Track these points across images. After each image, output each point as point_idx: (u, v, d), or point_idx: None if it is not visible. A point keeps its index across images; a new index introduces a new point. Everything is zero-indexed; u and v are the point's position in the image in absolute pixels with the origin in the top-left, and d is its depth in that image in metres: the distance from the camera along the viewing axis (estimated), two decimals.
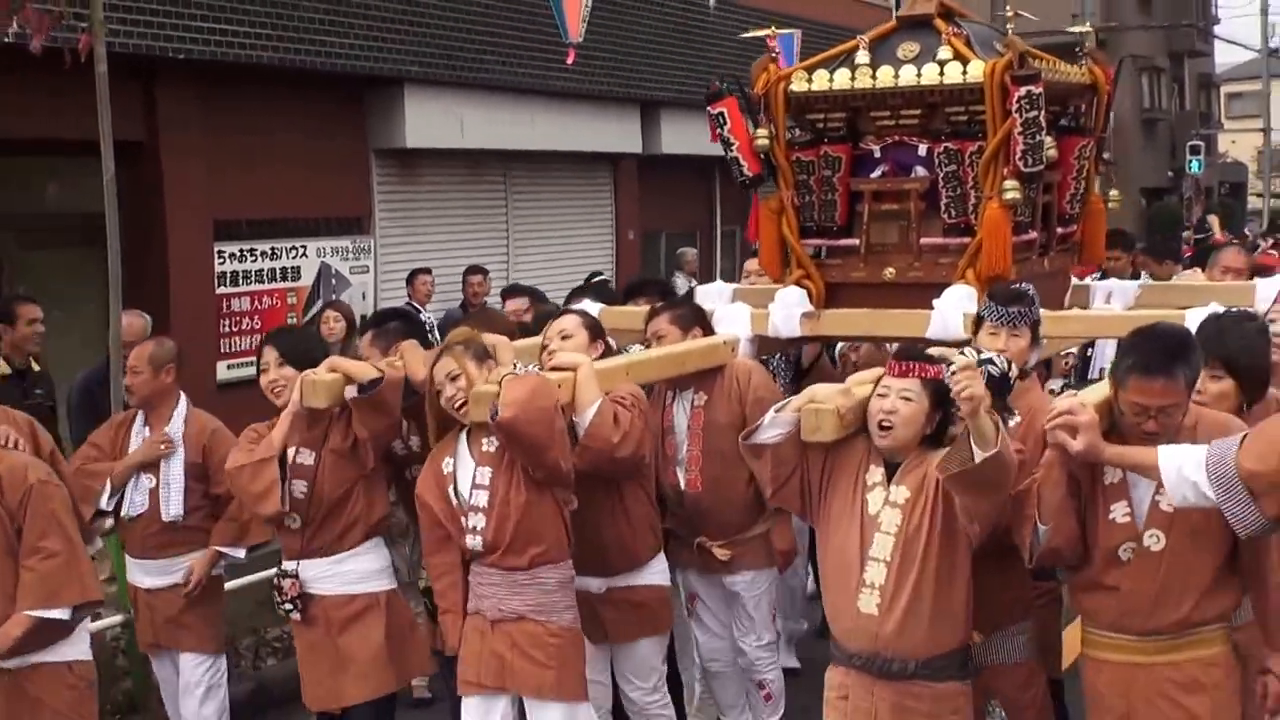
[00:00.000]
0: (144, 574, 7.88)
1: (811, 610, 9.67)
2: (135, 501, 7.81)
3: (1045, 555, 5.45)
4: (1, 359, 10.42)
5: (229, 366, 16.26)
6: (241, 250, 16.85)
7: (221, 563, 7.99)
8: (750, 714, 7.90)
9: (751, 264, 9.85)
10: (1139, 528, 5.33)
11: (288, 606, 6.99)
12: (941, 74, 7.42)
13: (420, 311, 14.94)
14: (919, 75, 7.47)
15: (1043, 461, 5.43)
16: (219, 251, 16.54)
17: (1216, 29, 60.10)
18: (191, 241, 16.05)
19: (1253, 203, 54.97)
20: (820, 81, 7.72)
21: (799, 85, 7.76)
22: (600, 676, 7.09)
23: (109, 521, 7.90)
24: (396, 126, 18.57)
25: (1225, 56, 63.11)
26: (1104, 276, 12.40)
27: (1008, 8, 7.68)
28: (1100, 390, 5.56)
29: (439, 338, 7.61)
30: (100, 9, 9.94)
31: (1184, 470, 4.99)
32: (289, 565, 7.02)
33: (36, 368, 10.88)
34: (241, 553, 7.64)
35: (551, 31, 19.09)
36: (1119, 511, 5.35)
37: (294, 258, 17.66)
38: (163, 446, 7.70)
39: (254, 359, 7.50)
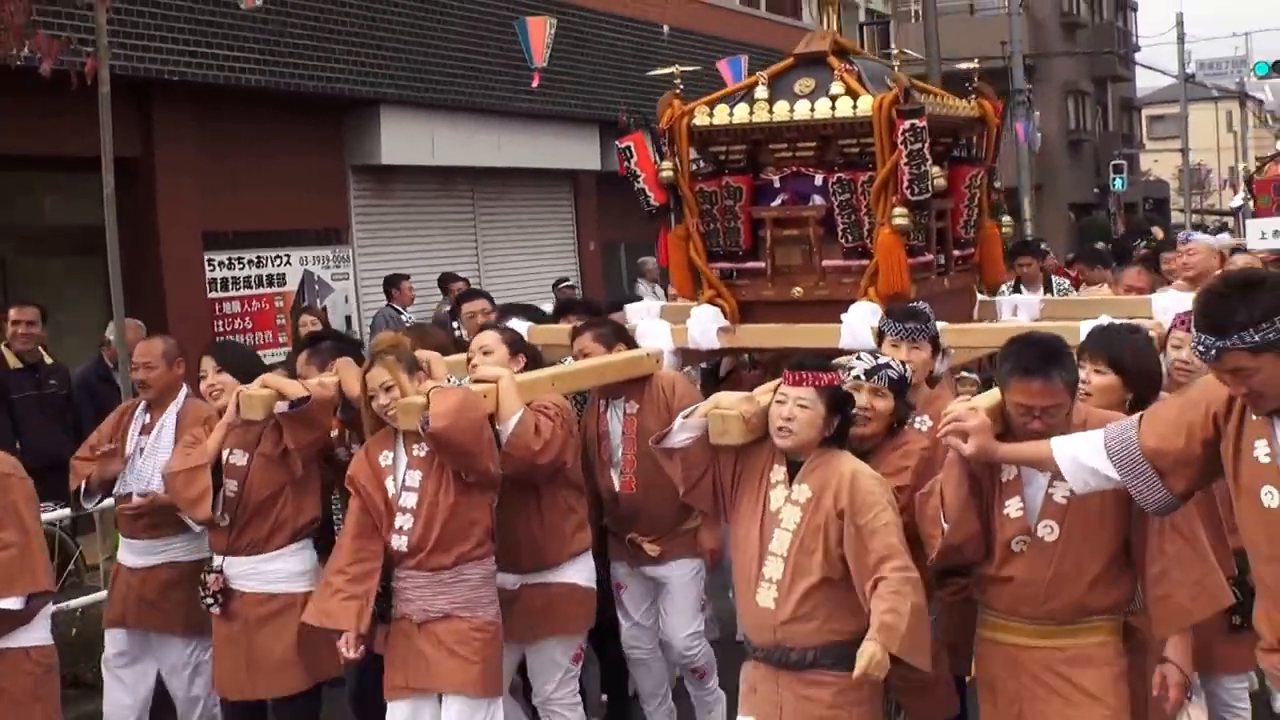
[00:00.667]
0: (131, 553, 7.60)
1: None
2: (128, 481, 7.56)
3: (946, 552, 5.26)
4: (13, 354, 10.38)
5: None
6: (230, 259, 16.90)
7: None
8: (671, 702, 7.75)
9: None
10: (1030, 522, 5.15)
11: (209, 600, 6.81)
12: (834, 108, 7.25)
13: (401, 313, 15.47)
14: (813, 110, 7.30)
15: (945, 463, 5.27)
16: (209, 260, 16.55)
17: (1137, 56, 60.39)
18: (183, 251, 16.03)
19: (1176, 217, 54.93)
20: (721, 116, 7.53)
21: (701, 119, 7.56)
22: (508, 669, 6.91)
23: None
24: (373, 144, 18.66)
25: (1146, 81, 63.31)
26: (1018, 282, 12.36)
27: (893, 46, 7.52)
28: (993, 395, 5.38)
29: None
30: (105, 36, 10.05)
31: (1080, 457, 4.83)
32: (216, 561, 6.85)
33: (49, 360, 10.87)
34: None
35: (517, 56, 19.29)
36: (1012, 507, 5.17)
37: (279, 265, 17.67)
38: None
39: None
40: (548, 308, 9.35)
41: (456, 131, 19.80)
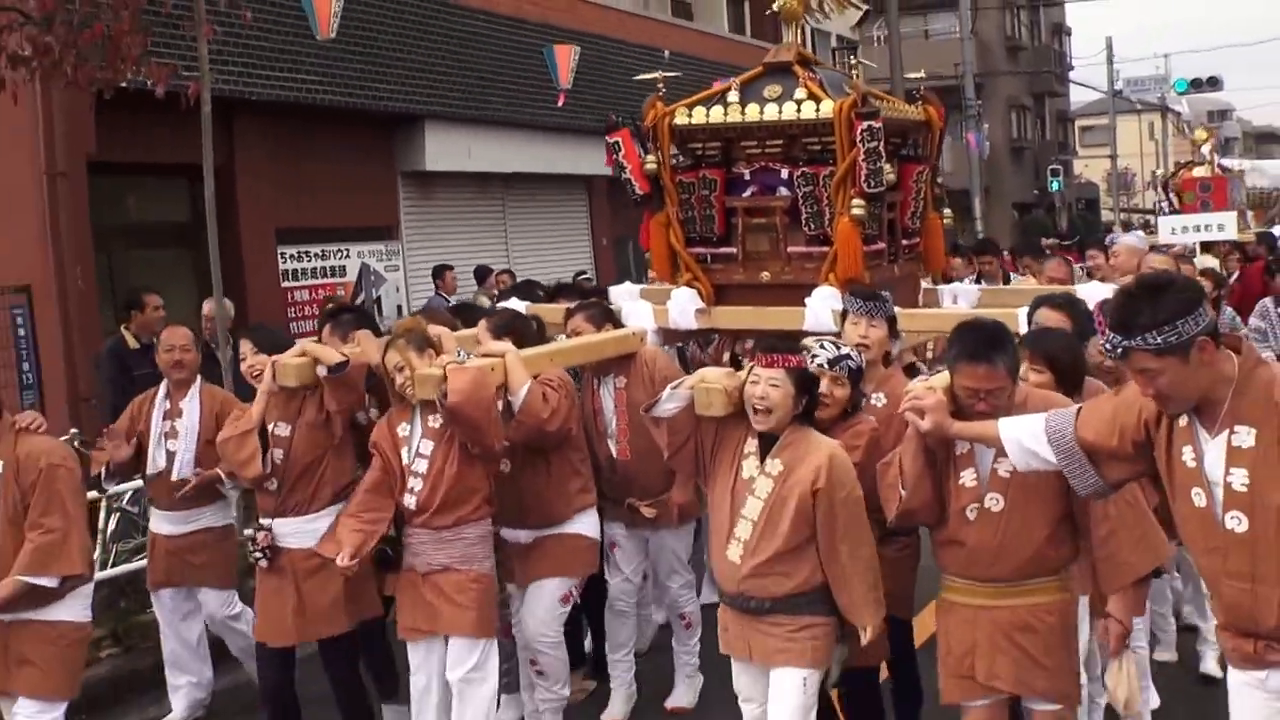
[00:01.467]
0: (168, 523, 7.37)
1: None
2: (157, 461, 7.30)
3: (903, 516, 5.08)
4: (131, 335, 10.25)
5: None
6: (299, 252, 16.75)
7: (232, 513, 7.70)
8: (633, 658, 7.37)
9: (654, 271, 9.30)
10: (983, 490, 4.93)
11: (257, 555, 6.46)
12: (799, 111, 7.02)
13: (448, 300, 15.33)
14: (780, 112, 7.07)
15: (904, 436, 5.04)
16: (281, 253, 16.43)
17: (1071, 75, 60.09)
18: (260, 245, 15.91)
19: (1105, 215, 54.64)
20: (699, 116, 7.29)
21: (681, 119, 7.32)
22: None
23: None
24: (418, 153, 18.48)
25: (1079, 95, 63.18)
26: (979, 278, 11.90)
27: (851, 58, 7.16)
28: (948, 377, 5.08)
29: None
30: (206, 64, 10.21)
31: (1023, 440, 4.58)
32: (264, 521, 6.48)
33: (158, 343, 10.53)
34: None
35: (541, 77, 19.16)
36: (968, 477, 4.95)
37: (340, 258, 17.54)
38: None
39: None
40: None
41: (490, 142, 19.65)
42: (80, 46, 8.47)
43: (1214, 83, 42.31)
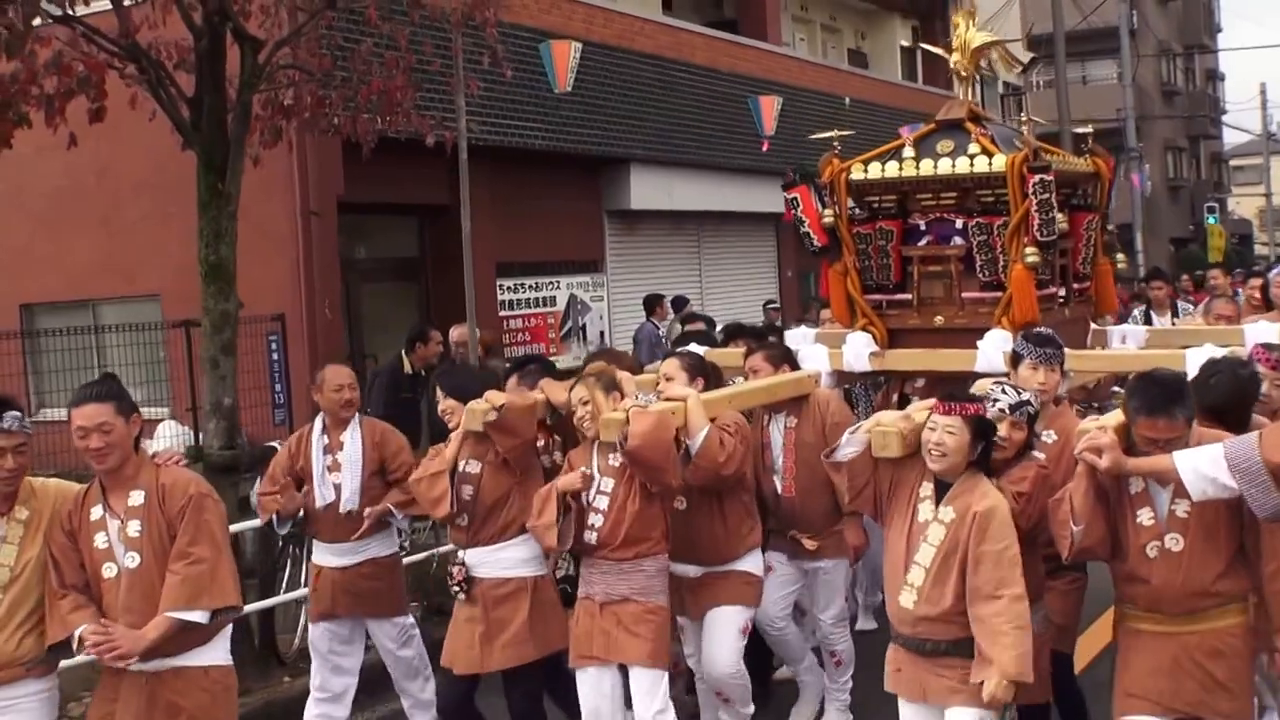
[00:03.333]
0: (334, 555, 6.90)
1: None
2: (325, 495, 6.84)
3: (1080, 553, 4.80)
4: (409, 363, 10.43)
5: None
6: (515, 284, 16.78)
7: (397, 541, 7.18)
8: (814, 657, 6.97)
9: (826, 313, 8.90)
10: (1162, 529, 4.66)
11: (455, 589, 6.17)
12: (972, 165, 6.64)
13: (659, 327, 15.33)
14: (954, 166, 6.69)
15: (1075, 474, 4.76)
16: (500, 284, 16.41)
17: (1224, 117, 57.63)
18: (482, 277, 15.57)
19: (1259, 249, 52.61)
20: (875, 171, 6.90)
21: (858, 174, 6.94)
22: (695, 649, 6.29)
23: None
24: (623, 193, 18.44)
25: (1231, 137, 60.97)
26: (1149, 304, 11.16)
27: (1022, 115, 6.66)
28: (1118, 415, 4.84)
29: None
30: (464, 117, 10.82)
31: (1200, 468, 4.37)
32: (460, 555, 6.16)
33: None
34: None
35: (734, 123, 19.49)
36: (1144, 516, 4.68)
37: (551, 290, 17.50)
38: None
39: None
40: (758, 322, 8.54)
41: (688, 183, 19.47)
42: (359, 101, 8.73)
43: None
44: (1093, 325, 7.48)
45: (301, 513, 6.84)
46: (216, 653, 4.97)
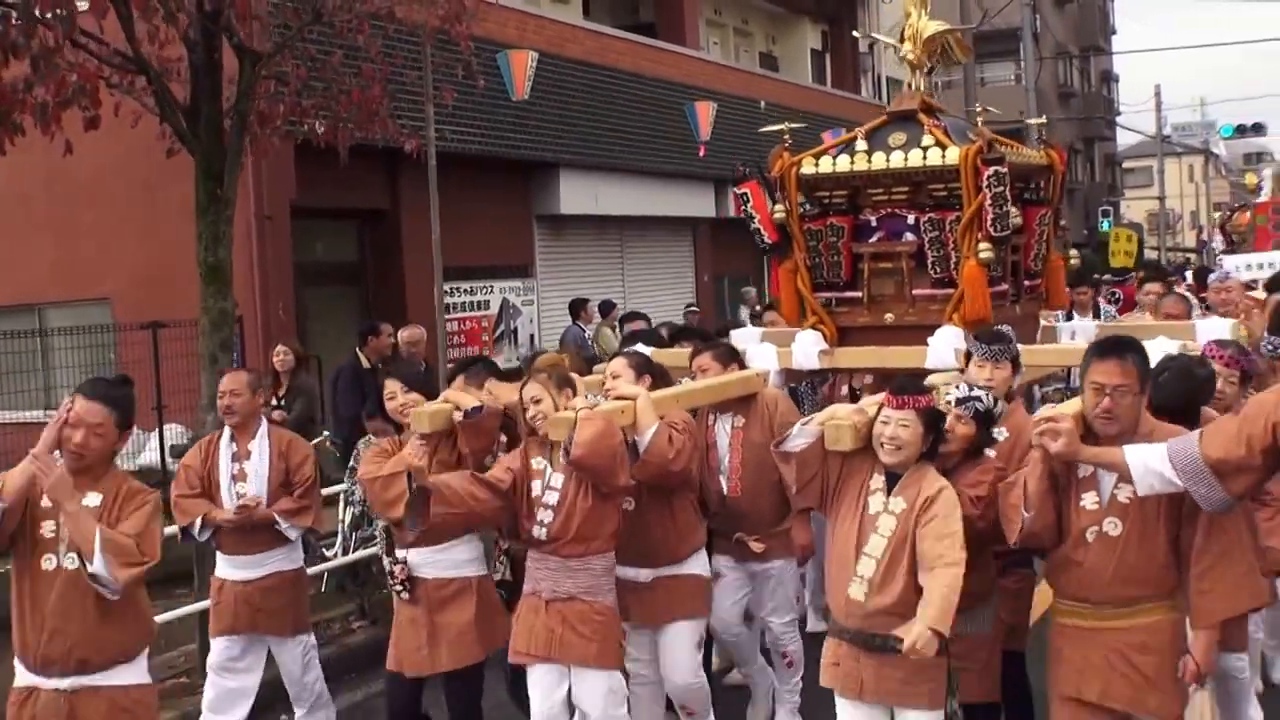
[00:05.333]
0: (235, 568, 6.54)
1: None
2: (229, 505, 6.47)
3: (1026, 537, 4.66)
4: (365, 357, 10.66)
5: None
6: (452, 287, 16.20)
7: (301, 556, 6.84)
8: (764, 660, 6.72)
9: (769, 315, 8.97)
10: (1103, 514, 4.57)
11: (399, 588, 5.86)
12: (925, 158, 6.38)
13: (585, 330, 15.25)
14: (906, 159, 6.43)
15: (1028, 459, 4.68)
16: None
17: (1119, 119, 58.32)
18: (421, 281, 15.41)
19: (1149, 254, 53.43)
20: (826, 165, 6.64)
21: (808, 168, 6.66)
22: (645, 655, 5.97)
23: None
24: (553, 197, 18.31)
25: (1122, 139, 61.58)
26: (1072, 306, 11.13)
27: (977, 105, 6.79)
28: (1075, 403, 4.74)
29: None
30: (432, 125, 11.37)
31: (1149, 464, 4.34)
32: (400, 554, 5.87)
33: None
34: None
35: (658, 129, 19.48)
36: (1089, 500, 4.58)
37: (485, 294, 17.31)
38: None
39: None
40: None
41: (613, 188, 19.31)
42: (338, 110, 9.13)
43: (1258, 128, 41.01)
44: (1042, 321, 7.31)
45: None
46: (137, 671, 4.78)
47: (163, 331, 12.22)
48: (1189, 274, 14.63)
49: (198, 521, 6.45)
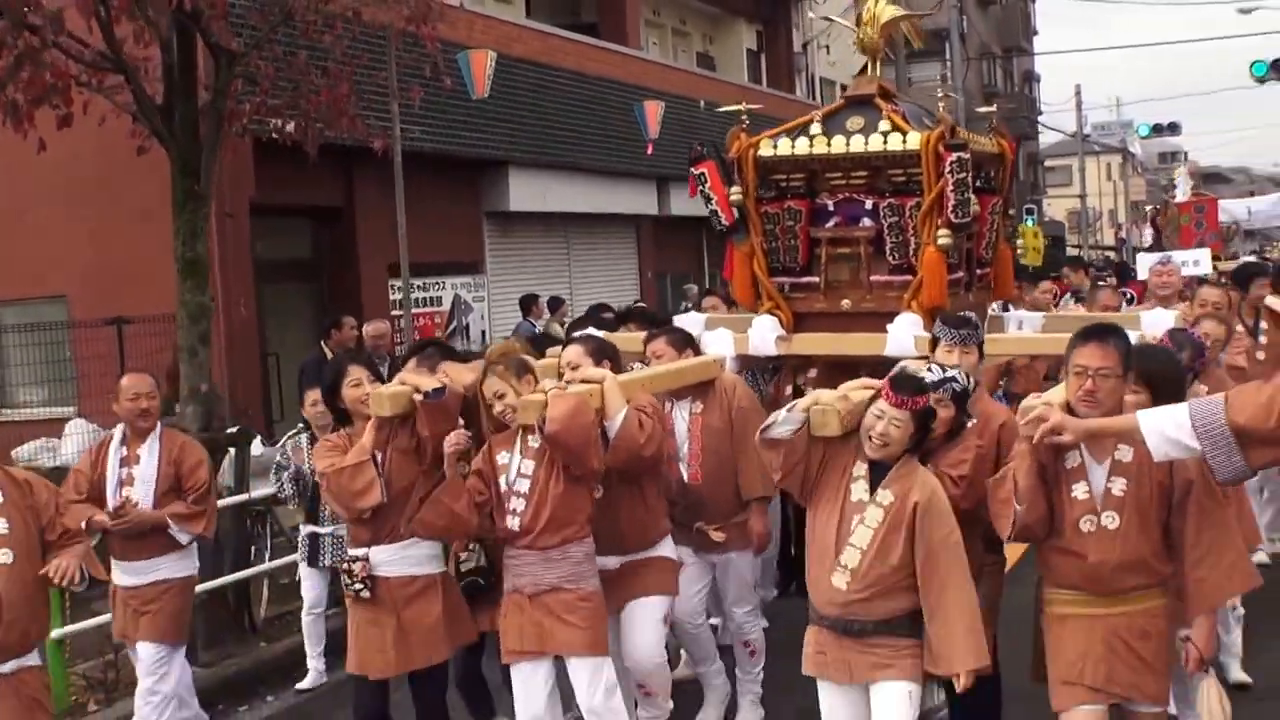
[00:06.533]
0: (125, 574, 6.32)
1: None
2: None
3: (1021, 531, 4.55)
4: (330, 350, 10.53)
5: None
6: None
7: (195, 563, 6.63)
8: (721, 662, 6.49)
9: (708, 301, 8.84)
10: (1097, 505, 4.47)
11: (358, 586, 5.52)
12: (884, 143, 6.22)
13: (535, 325, 15.14)
14: (866, 144, 6.26)
15: (1014, 453, 4.58)
16: (391, 284, 15.93)
17: (1041, 118, 58.69)
18: (374, 278, 15.81)
19: (1070, 251, 53.90)
20: (784, 148, 6.45)
21: (766, 150, 6.48)
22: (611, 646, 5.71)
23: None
24: (502, 195, 18.21)
25: (1043, 138, 61.57)
26: (1006, 304, 11.10)
27: (938, 90, 6.58)
28: (1060, 391, 4.58)
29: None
30: (398, 123, 11.79)
31: (1166, 431, 4.13)
32: (358, 551, 5.56)
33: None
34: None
35: (600, 126, 19.41)
36: (1079, 490, 4.49)
37: (437, 290, 17.21)
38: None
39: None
40: None
41: (560, 185, 19.20)
42: (307, 109, 9.20)
43: (1174, 128, 41.39)
44: (989, 311, 7.14)
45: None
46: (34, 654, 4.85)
47: (112, 329, 12.10)
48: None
49: (82, 526, 6.07)
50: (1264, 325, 8.57)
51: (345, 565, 5.63)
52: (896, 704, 4.57)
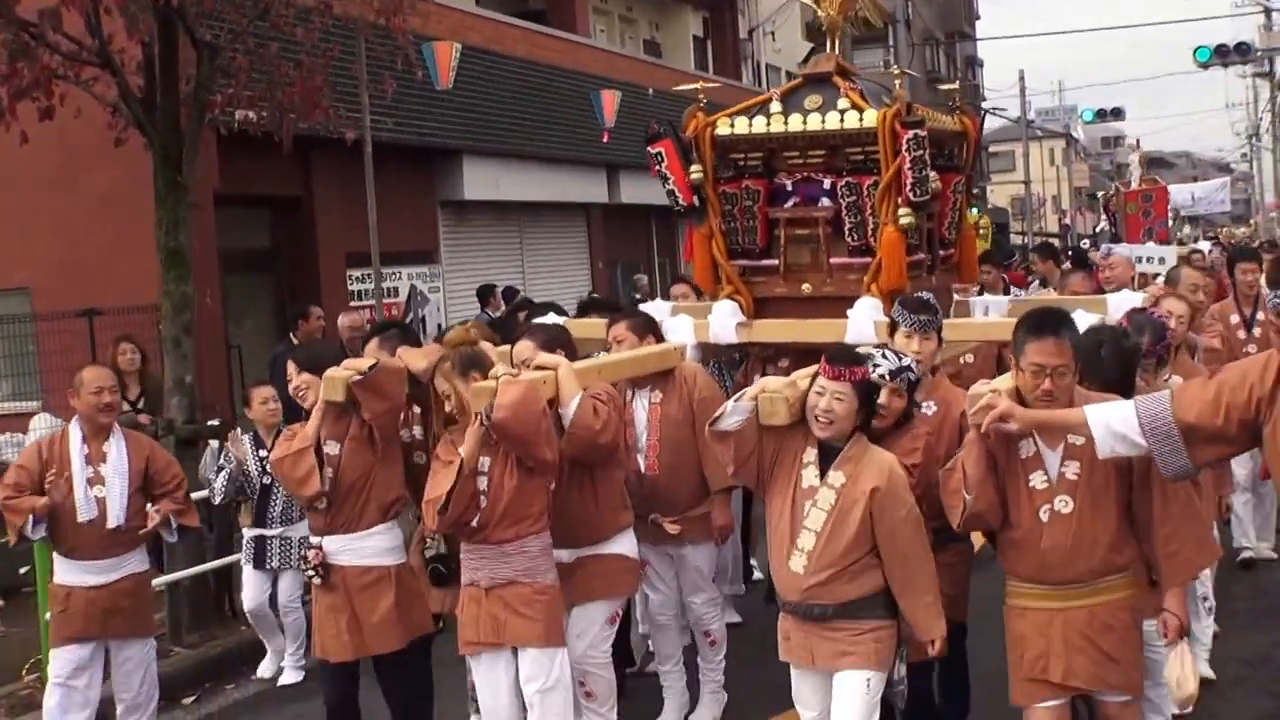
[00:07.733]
0: (89, 574, 6.10)
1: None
2: (88, 509, 6.04)
3: (969, 520, 4.50)
4: (298, 341, 10.39)
5: None
6: (362, 274, 15.95)
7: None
8: (683, 665, 6.37)
9: (678, 288, 8.54)
10: (1054, 492, 4.40)
11: (310, 573, 5.59)
12: (842, 120, 6.08)
13: (493, 318, 14.39)
14: (824, 122, 6.11)
15: (965, 442, 4.51)
16: (349, 275, 16.06)
17: (985, 105, 58.94)
18: (333, 268, 15.72)
19: (1014, 239, 54.10)
20: (741, 126, 6.28)
21: (723, 129, 6.31)
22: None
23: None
24: (456, 183, 18.04)
25: (986, 124, 61.71)
26: (981, 290, 10.99)
27: (895, 68, 6.56)
28: (1008, 379, 4.50)
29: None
30: (368, 114, 11.89)
31: (1112, 425, 4.07)
32: (315, 540, 5.63)
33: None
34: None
35: (551, 114, 19.20)
36: (1038, 479, 4.40)
37: (394, 280, 16.86)
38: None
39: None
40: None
41: (513, 174, 19.04)
42: (283, 102, 9.23)
43: (1117, 113, 41.73)
44: (955, 295, 7.00)
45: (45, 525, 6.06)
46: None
47: (82, 320, 11.83)
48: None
49: (29, 519, 5.99)
50: (1260, 317, 8.35)
51: (302, 550, 5.71)
52: (854, 694, 4.53)
